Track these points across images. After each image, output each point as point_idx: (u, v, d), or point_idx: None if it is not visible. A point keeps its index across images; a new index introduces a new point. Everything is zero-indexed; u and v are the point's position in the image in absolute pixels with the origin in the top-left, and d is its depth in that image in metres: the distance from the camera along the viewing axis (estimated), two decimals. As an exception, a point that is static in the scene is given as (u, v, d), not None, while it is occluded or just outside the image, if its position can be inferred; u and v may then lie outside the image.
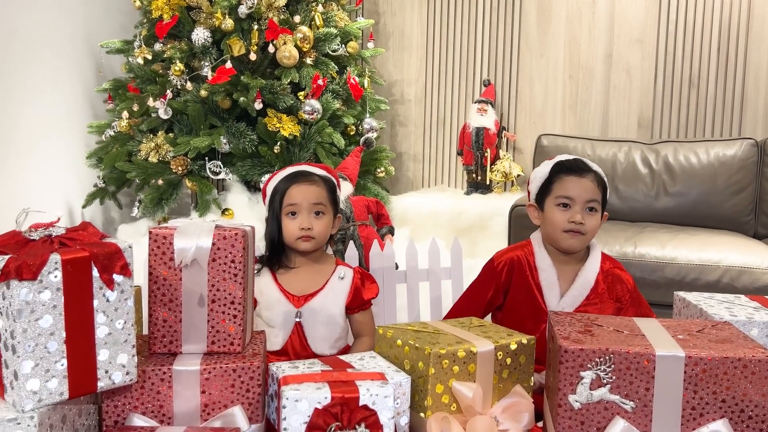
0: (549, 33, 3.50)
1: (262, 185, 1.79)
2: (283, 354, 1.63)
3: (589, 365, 1.14)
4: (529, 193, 1.77)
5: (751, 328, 1.35)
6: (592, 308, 1.65)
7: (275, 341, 1.62)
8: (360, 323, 1.71)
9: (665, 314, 2.30)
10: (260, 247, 1.77)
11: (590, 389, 1.14)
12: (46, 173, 2.99)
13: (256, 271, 1.64)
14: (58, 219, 1.20)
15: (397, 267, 2.15)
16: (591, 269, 1.67)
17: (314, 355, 1.62)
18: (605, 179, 1.69)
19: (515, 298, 1.69)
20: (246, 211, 2.83)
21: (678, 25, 3.30)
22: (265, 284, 1.65)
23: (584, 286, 1.65)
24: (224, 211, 2.83)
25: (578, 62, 3.47)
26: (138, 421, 1.22)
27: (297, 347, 1.63)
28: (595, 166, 1.69)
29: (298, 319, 1.63)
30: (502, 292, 1.71)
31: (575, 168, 1.67)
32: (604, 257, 1.71)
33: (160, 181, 2.88)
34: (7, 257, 1.04)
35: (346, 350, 1.70)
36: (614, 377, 1.14)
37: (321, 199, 1.65)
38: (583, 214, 1.63)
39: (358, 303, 1.69)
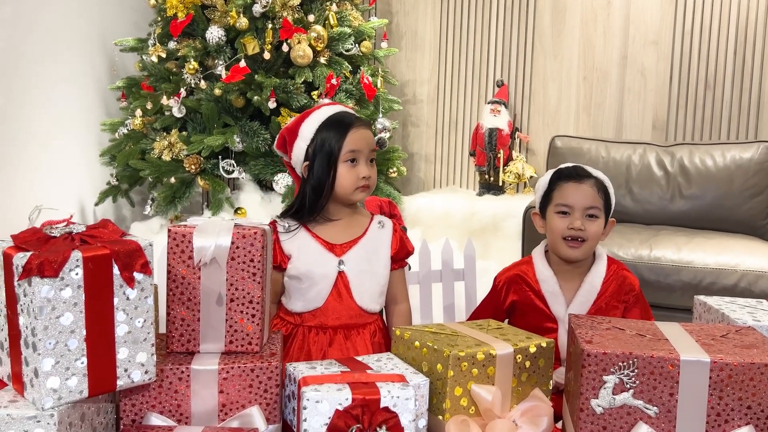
0: (563, 34, 3.48)
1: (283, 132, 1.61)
2: (324, 313, 1.55)
3: (612, 369, 1.12)
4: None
5: (774, 333, 1.33)
6: (600, 313, 1.64)
7: (316, 297, 1.54)
8: (397, 283, 1.64)
9: (682, 318, 2.28)
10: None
11: (613, 394, 1.13)
12: (60, 170, 3.00)
13: (293, 230, 1.55)
14: (71, 216, 1.20)
15: (409, 268, 2.14)
16: (597, 275, 1.66)
17: (358, 310, 1.56)
18: (607, 185, 1.66)
19: (522, 313, 1.70)
20: (259, 210, 2.83)
21: (694, 27, 3.27)
22: (301, 238, 1.55)
23: (590, 291, 1.64)
24: (237, 210, 2.83)
25: (593, 64, 3.45)
26: (155, 420, 1.22)
27: (340, 302, 1.55)
28: (596, 172, 1.66)
29: (341, 268, 1.55)
30: (503, 311, 1.73)
31: (574, 174, 1.65)
32: (610, 261, 1.70)
33: (173, 180, 2.87)
34: (29, 254, 1.03)
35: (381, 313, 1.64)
36: (638, 382, 1.12)
37: (374, 144, 1.57)
38: (583, 221, 1.61)
39: (403, 254, 1.62)
